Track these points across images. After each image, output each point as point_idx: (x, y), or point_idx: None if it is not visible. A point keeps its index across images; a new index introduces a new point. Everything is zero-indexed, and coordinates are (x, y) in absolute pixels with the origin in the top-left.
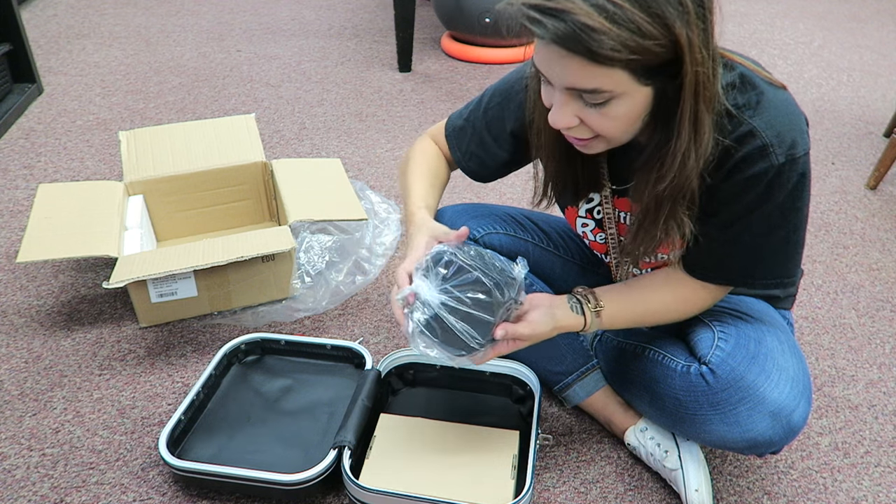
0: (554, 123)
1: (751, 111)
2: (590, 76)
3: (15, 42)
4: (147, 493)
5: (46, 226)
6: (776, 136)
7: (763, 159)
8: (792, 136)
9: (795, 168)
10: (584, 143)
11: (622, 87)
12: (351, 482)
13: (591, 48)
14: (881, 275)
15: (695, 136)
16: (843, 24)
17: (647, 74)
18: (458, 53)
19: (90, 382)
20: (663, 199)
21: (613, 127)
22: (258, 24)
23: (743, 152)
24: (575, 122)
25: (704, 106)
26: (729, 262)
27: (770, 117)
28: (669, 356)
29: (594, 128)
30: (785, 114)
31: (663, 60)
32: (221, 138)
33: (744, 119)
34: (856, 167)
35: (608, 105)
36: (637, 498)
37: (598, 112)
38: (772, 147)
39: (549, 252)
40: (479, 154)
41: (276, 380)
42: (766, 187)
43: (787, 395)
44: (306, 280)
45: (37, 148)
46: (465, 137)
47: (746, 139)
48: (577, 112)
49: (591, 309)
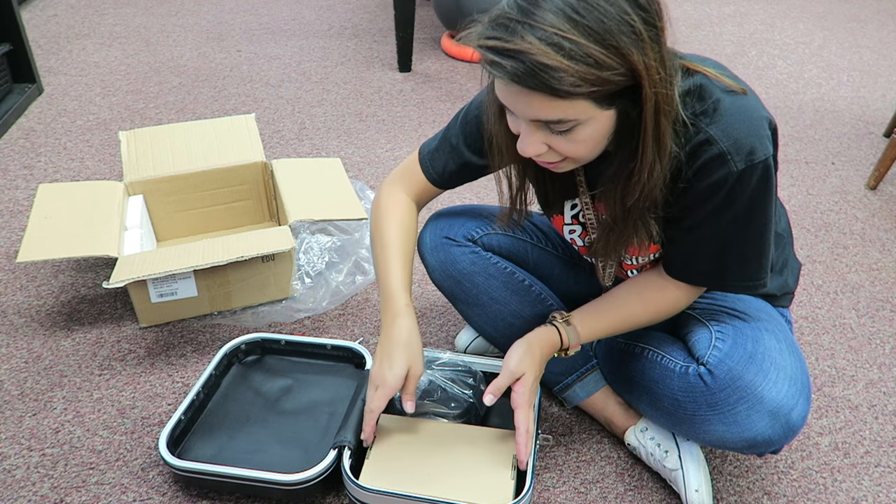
0: (523, 152)
1: (707, 119)
2: (553, 109)
3: (15, 42)
4: (147, 493)
5: (46, 226)
6: (733, 143)
7: (721, 167)
8: (750, 143)
9: (755, 173)
10: (554, 165)
11: (586, 114)
12: (351, 482)
13: (551, 85)
14: (881, 275)
15: (658, 150)
16: (843, 24)
17: (608, 100)
18: (458, 53)
19: (90, 382)
20: (631, 208)
21: (581, 150)
22: (258, 24)
23: (701, 161)
24: (543, 149)
25: (666, 121)
26: (697, 263)
27: (726, 125)
28: (668, 357)
29: (562, 152)
30: (742, 120)
31: (623, 87)
32: (221, 138)
33: (701, 127)
34: (856, 167)
35: (574, 131)
36: (637, 498)
37: (565, 138)
38: (729, 154)
39: (548, 252)
40: (458, 172)
41: (276, 380)
42: (727, 194)
43: (785, 393)
44: (306, 281)
45: (37, 148)
46: (443, 156)
47: (703, 147)
48: (544, 140)
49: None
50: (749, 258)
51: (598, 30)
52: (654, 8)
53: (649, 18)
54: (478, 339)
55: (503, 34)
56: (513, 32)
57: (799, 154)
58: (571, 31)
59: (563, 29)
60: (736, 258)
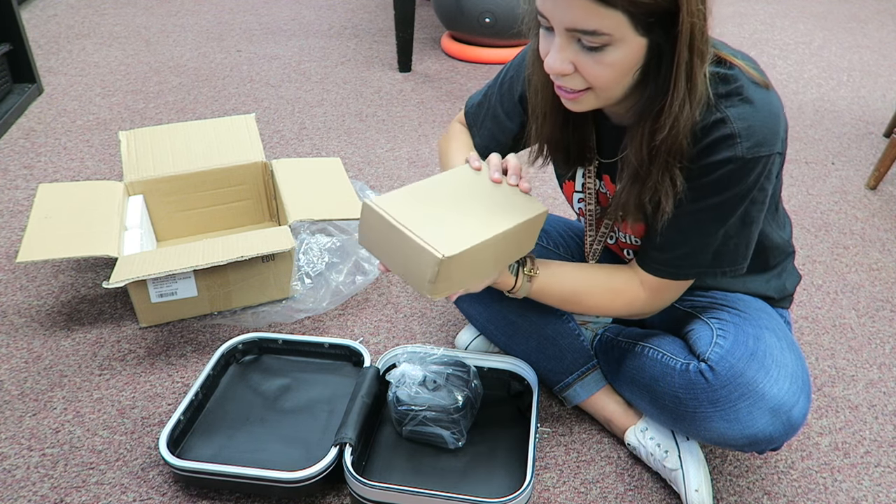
0: (549, 67)
1: (727, 102)
2: (591, 15)
3: (15, 42)
4: (147, 493)
5: (46, 226)
6: (746, 128)
7: (728, 148)
8: (762, 134)
9: (757, 167)
10: (575, 96)
11: (620, 31)
12: (353, 478)
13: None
14: (881, 275)
15: (689, 87)
16: (843, 24)
17: (644, 23)
18: (458, 53)
19: (90, 382)
20: (659, 151)
21: (606, 76)
22: (258, 24)
23: (711, 138)
24: (570, 68)
25: (698, 59)
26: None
27: (744, 111)
28: (669, 354)
29: (588, 76)
30: (760, 111)
31: (662, 9)
32: (221, 138)
33: (719, 107)
34: (856, 167)
35: (604, 51)
36: (637, 498)
37: (594, 58)
38: (739, 138)
39: (549, 250)
40: (492, 129)
41: (274, 379)
42: (722, 177)
43: (786, 391)
44: (306, 281)
45: (37, 148)
46: (482, 113)
47: (717, 126)
48: (572, 58)
49: (525, 272)
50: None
51: None
52: None
53: None
54: (478, 339)
55: None
56: None
57: (799, 154)
58: None
59: None
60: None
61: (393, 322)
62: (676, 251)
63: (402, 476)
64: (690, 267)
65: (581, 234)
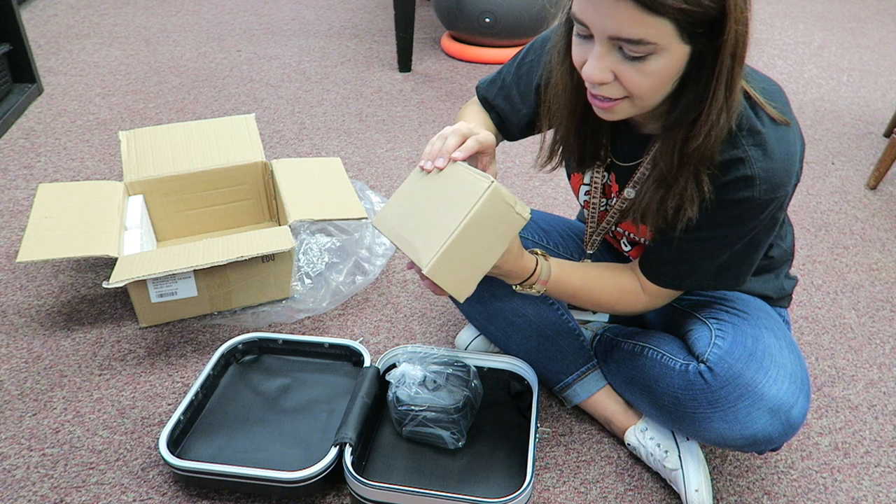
0: (588, 77)
1: (750, 139)
2: (637, 24)
3: (15, 42)
4: (147, 493)
5: (46, 226)
6: (765, 171)
7: (746, 189)
8: (780, 177)
9: (771, 204)
10: (611, 105)
11: (665, 40)
12: (353, 478)
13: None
14: (881, 275)
15: (728, 96)
16: (843, 24)
17: (689, 31)
18: (458, 53)
19: (90, 382)
20: (690, 158)
21: (647, 85)
22: (258, 24)
23: (731, 176)
24: (610, 77)
25: (739, 69)
26: (668, 267)
27: (765, 152)
28: (668, 355)
29: (628, 85)
30: (780, 153)
31: (709, 17)
32: (221, 138)
33: (739, 143)
34: (856, 167)
35: (646, 60)
36: (637, 498)
37: (635, 67)
38: (758, 181)
39: (549, 250)
40: (504, 109)
41: (274, 379)
42: (739, 214)
43: (785, 391)
44: (306, 281)
45: (37, 148)
46: (494, 90)
47: (736, 165)
48: (612, 67)
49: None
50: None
51: None
52: None
53: None
54: (478, 338)
55: None
56: None
57: None
58: None
59: None
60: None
61: (393, 322)
62: (681, 267)
63: (402, 476)
64: (693, 281)
65: (580, 234)
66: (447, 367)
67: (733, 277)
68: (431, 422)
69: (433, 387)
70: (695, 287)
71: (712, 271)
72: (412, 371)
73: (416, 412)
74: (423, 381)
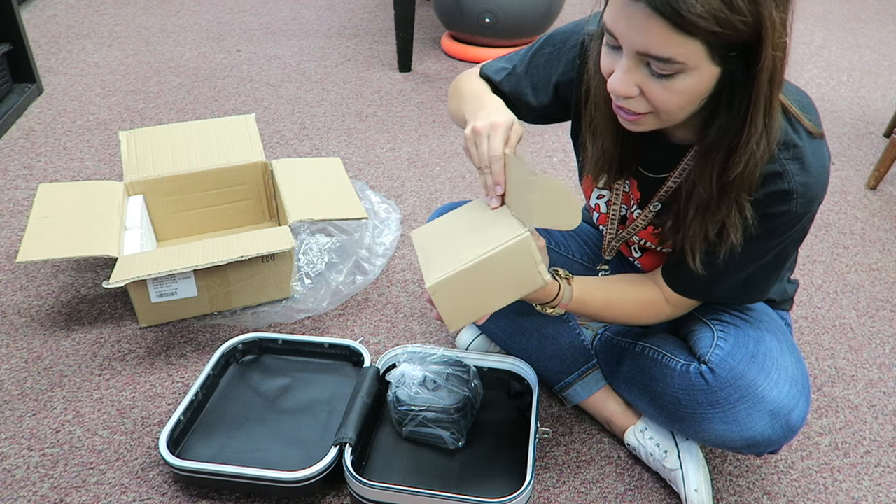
0: (613, 90)
1: (787, 153)
2: (667, 43)
3: (15, 42)
4: (147, 493)
5: (46, 226)
6: (803, 185)
7: (783, 203)
8: (816, 191)
9: (806, 217)
10: (636, 118)
11: (695, 60)
12: (353, 478)
13: (679, 11)
14: (881, 275)
15: (767, 123)
16: (843, 24)
17: (721, 53)
18: (458, 53)
19: (90, 382)
20: (731, 186)
21: (673, 103)
22: (258, 24)
23: (769, 189)
24: (635, 91)
25: (777, 93)
26: (696, 279)
27: (802, 166)
28: (669, 355)
29: (654, 101)
30: (816, 167)
31: (742, 40)
32: (221, 138)
33: (777, 157)
34: (856, 167)
35: (674, 78)
36: (637, 498)
37: (662, 84)
38: (795, 195)
39: (552, 250)
40: (515, 96)
41: (274, 379)
42: (772, 228)
43: (786, 394)
44: (306, 282)
45: (37, 148)
46: (502, 75)
47: (774, 179)
48: (639, 81)
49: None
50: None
51: None
52: None
53: None
54: (479, 338)
55: None
56: None
57: None
58: None
59: None
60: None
61: (393, 322)
62: (709, 279)
63: (402, 476)
64: (719, 292)
65: (585, 237)
66: (447, 367)
67: (759, 290)
68: (431, 422)
69: (433, 387)
70: (720, 299)
71: (739, 283)
72: (412, 371)
73: (416, 412)
74: (423, 382)
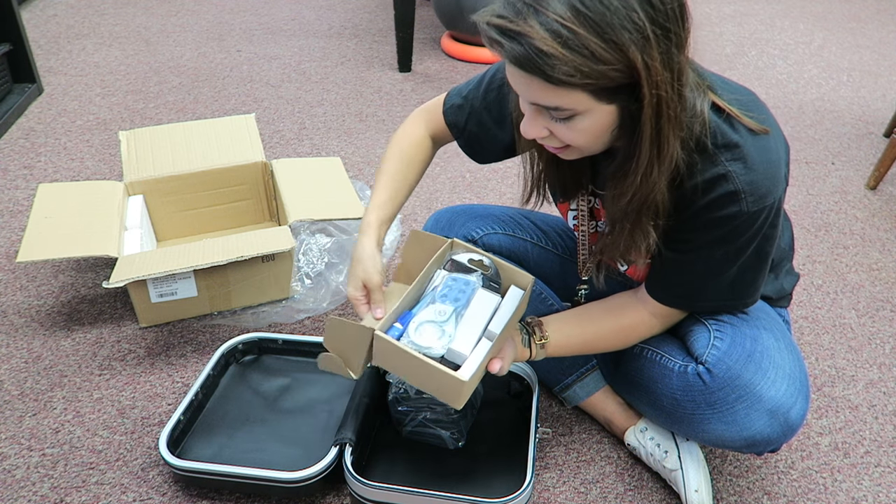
0: (525, 134)
1: (728, 154)
2: (549, 95)
3: (15, 42)
4: (147, 493)
5: (46, 226)
6: (749, 184)
7: (733, 204)
8: (766, 187)
9: (763, 213)
10: (559, 150)
11: (583, 105)
12: (353, 478)
13: (545, 72)
14: (881, 275)
15: (657, 153)
16: (843, 24)
17: (607, 95)
18: (458, 53)
19: (90, 382)
20: (628, 211)
21: (582, 139)
22: (258, 24)
23: (714, 194)
24: (545, 132)
25: (668, 125)
26: (678, 286)
27: (746, 165)
28: (667, 356)
29: (563, 140)
30: (761, 163)
31: (621, 83)
32: (221, 138)
33: (720, 161)
34: (856, 167)
35: (573, 120)
36: (637, 498)
37: (566, 125)
38: (744, 194)
39: (548, 251)
40: (478, 134)
41: (274, 379)
42: (732, 230)
43: (784, 392)
44: (306, 282)
45: (37, 148)
46: (464, 116)
47: (719, 182)
48: (545, 124)
49: (536, 342)
50: (734, 286)
51: (600, 23)
52: (668, 9)
53: (659, 18)
54: None
55: (510, 14)
56: (519, 14)
57: (799, 154)
58: (573, 21)
59: (565, 18)
60: (716, 288)
61: None
62: (689, 287)
63: (402, 476)
64: (704, 300)
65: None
66: None
67: (749, 293)
68: (431, 422)
69: None
70: (711, 307)
71: (725, 288)
72: None
73: (416, 413)
74: None
